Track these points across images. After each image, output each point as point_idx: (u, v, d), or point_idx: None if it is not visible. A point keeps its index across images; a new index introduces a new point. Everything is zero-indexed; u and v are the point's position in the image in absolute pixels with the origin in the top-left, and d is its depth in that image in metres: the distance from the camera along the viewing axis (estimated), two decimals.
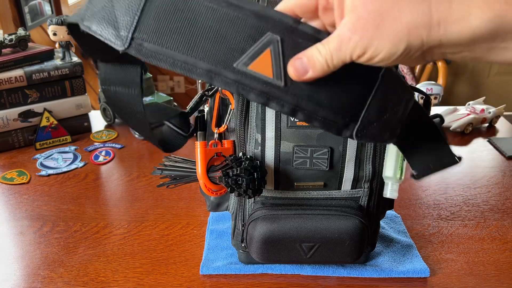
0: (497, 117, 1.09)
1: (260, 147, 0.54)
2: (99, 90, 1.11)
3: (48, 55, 1.03)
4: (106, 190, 0.85)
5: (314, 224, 0.55)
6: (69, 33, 0.45)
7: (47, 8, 1.92)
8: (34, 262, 0.66)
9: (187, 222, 0.75)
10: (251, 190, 0.52)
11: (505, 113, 1.11)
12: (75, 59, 1.05)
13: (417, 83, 2.52)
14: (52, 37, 1.04)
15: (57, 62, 1.02)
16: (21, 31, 1.01)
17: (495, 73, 2.97)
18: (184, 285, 0.61)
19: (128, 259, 0.66)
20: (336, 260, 0.58)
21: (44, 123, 1.01)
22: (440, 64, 2.46)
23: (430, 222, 0.74)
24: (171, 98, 1.07)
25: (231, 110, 0.56)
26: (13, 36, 1.00)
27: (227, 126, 0.57)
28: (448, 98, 3.01)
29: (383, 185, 0.58)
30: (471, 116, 1.05)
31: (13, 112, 0.98)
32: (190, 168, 0.60)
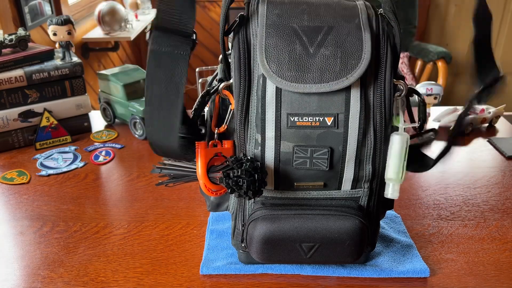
0: (497, 117, 1.09)
1: (260, 147, 0.54)
2: (99, 90, 1.11)
3: (48, 55, 1.03)
4: (106, 190, 0.85)
5: (314, 224, 0.55)
6: None
7: (47, 8, 1.92)
8: (34, 262, 0.66)
9: (187, 222, 0.75)
10: (252, 192, 0.52)
11: (505, 113, 1.11)
12: (75, 59, 1.05)
13: (417, 83, 2.52)
14: (52, 37, 1.04)
15: (57, 62, 1.03)
16: (21, 31, 1.01)
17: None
18: (184, 285, 0.61)
19: (128, 259, 0.66)
20: (336, 260, 0.58)
21: (44, 123, 1.01)
22: (440, 64, 2.46)
23: (430, 222, 0.74)
24: None
25: (231, 110, 0.56)
26: (13, 36, 1.00)
27: (227, 126, 0.57)
28: (448, 98, 3.01)
29: (383, 185, 0.58)
30: (471, 116, 1.05)
31: (13, 112, 0.98)
32: (190, 168, 0.60)
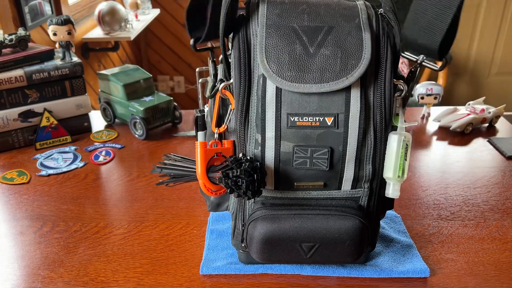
0: (497, 117, 1.09)
1: (260, 147, 0.54)
2: (99, 90, 1.11)
3: (48, 55, 1.03)
4: (106, 190, 0.85)
5: (314, 224, 0.55)
6: None
7: (47, 8, 1.92)
8: (34, 262, 0.66)
9: (187, 222, 0.75)
10: (251, 192, 0.52)
11: (505, 113, 1.12)
12: (75, 59, 1.05)
13: (417, 83, 2.52)
14: (52, 37, 1.04)
15: (57, 62, 1.03)
16: (21, 31, 1.01)
17: (495, 73, 2.97)
18: (184, 285, 0.61)
19: (128, 259, 0.66)
20: (336, 260, 0.58)
21: (44, 123, 1.01)
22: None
23: (430, 222, 0.74)
24: (171, 98, 1.07)
25: (231, 110, 0.56)
26: (13, 36, 1.00)
27: (227, 126, 0.57)
28: (448, 98, 3.01)
29: (383, 185, 0.58)
30: (471, 116, 1.05)
31: (13, 112, 0.98)
32: (190, 167, 0.60)
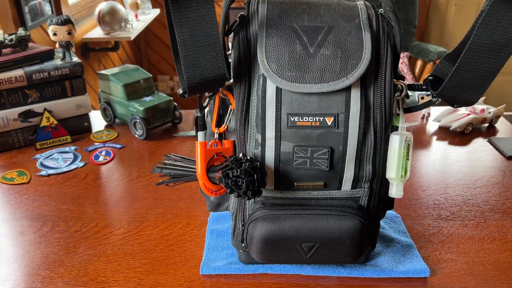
0: (497, 117, 1.09)
1: (260, 147, 0.54)
2: (99, 90, 1.11)
3: (48, 55, 1.03)
4: (106, 190, 0.85)
5: (314, 224, 0.55)
6: None
7: (47, 8, 1.92)
8: (34, 262, 0.66)
9: (187, 222, 0.75)
10: (251, 192, 0.52)
11: (505, 113, 1.12)
12: (75, 59, 1.05)
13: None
14: (52, 37, 1.04)
15: (57, 62, 1.03)
16: (21, 31, 1.01)
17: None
18: (184, 285, 0.61)
19: (128, 259, 0.66)
20: (336, 260, 0.58)
21: (44, 123, 1.01)
22: None
23: (430, 222, 0.74)
24: (171, 98, 1.07)
25: (231, 110, 0.56)
26: (13, 36, 1.00)
27: (227, 126, 0.57)
28: None
29: (383, 185, 0.59)
30: (471, 116, 1.05)
31: (13, 112, 0.98)
32: (190, 167, 0.60)
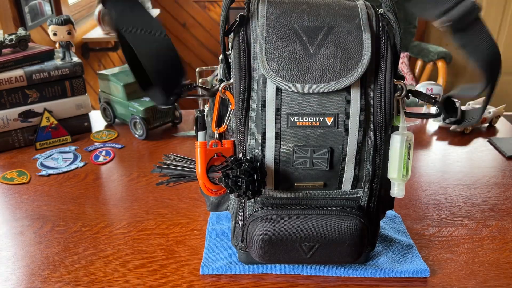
0: (497, 117, 1.09)
1: (260, 147, 0.54)
2: (99, 90, 1.11)
3: (48, 55, 1.03)
4: (106, 190, 0.85)
5: (314, 224, 0.55)
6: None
7: (47, 8, 1.92)
8: (34, 262, 0.66)
9: (187, 222, 0.75)
10: (251, 192, 0.52)
11: (505, 113, 1.11)
12: (75, 59, 1.05)
13: (417, 83, 2.53)
14: (52, 37, 1.04)
15: (57, 62, 1.02)
16: (21, 31, 1.01)
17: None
18: (184, 285, 0.61)
19: (128, 259, 0.66)
20: (336, 260, 0.58)
21: (44, 123, 1.01)
22: (440, 64, 2.46)
23: (430, 222, 0.74)
24: None
25: (231, 110, 0.56)
26: (13, 36, 1.00)
27: (227, 126, 0.57)
28: None
29: (383, 185, 0.59)
30: None
31: (13, 112, 0.98)
32: (190, 167, 0.60)
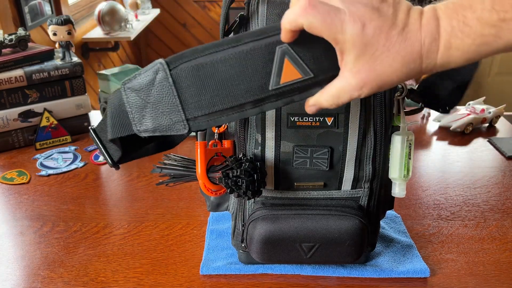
0: (497, 117, 1.09)
1: (260, 147, 0.54)
2: (99, 90, 1.11)
3: (48, 55, 1.03)
4: (106, 190, 0.85)
5: (314, 224, 0.55)
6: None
7: (47, 8, 1.92)
8: (34, 262, 0.66)
9: (187, 222, 0.75)
10: (251, 192, 0.52)
11: (505, 113, 1.11)
12: (75, 59, 1.05)
13: (417, 83, 2.52)
14: (52, 37, 1.04)
15: (57, 62, 1.02)
16: (21, 31, 1.01)
17: (495, 73, 2.97)
18: (184, 285, 0.61)
19: (128, 259, 0.66)
20: (336, 260, 0.58)
21: (44, 123, 1.01)
22: None
23: (430, 222, 0.74)
24: None
25: None
26: (13, 36, 1.00)
27: (227, 126, 0.57)
28: None
29: (383, 185, 0.58)
30: (471, 116, 1.05)
31: (13, 112, 0.98)
32: (190, 167, 0.60)
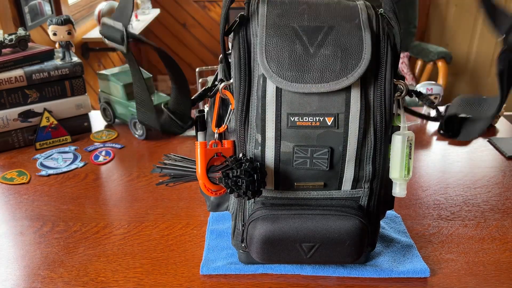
0: (497, 117, 1.09)
1: (260, 147, 0.54)
2: (99, 90, 1.11)
3: (48, 55, 1.03)
4: (106, 190, 0.85)
5: (314, 224, 0.55)
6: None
7: (47, 8, 1.92)
8: (34, 262, 0.66)
9: (187, 222, 0.75)
10: (251, 192, 0.52)
11: (505, 113, 1.11)
12: (75, 59, 1.05)
13: (417, 83, 2.53)
14: (52, 37, 1.04)
15: (57, 62, 1.02)
16: (21, 31, 1.01)
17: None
18: (184, 285, 0.61)
19: (128, 259, 0.66)
20: (336, 260, 0.58)
21: (44, 123, 1.01)
22: (440, 64, 2.46)
23: (430, 222, 0.74)
24: None
25: (231, 110, 0.56)
26: (13, 36, 1.00)
27: (227, 126, 0.57)
28: (448, 98, 3.02)
29: (384, 185, 0.58)
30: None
31: (13, 112, 0.98)
32: (190, 167, 0.60)
